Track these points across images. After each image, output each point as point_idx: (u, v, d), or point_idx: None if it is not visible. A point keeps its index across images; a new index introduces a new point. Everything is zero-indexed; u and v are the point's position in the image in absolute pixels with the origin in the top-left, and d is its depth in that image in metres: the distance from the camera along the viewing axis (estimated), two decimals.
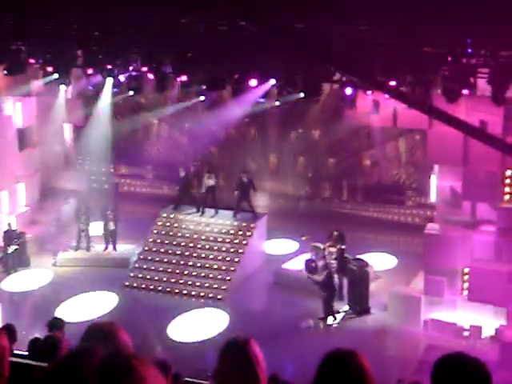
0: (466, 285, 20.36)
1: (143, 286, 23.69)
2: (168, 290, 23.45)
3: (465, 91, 17.78)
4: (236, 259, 24.15)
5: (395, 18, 16.35)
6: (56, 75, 22.01)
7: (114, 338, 3.87)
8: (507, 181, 19.98)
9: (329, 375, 3.66)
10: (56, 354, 10.98)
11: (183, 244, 25.01)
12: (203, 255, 24.50)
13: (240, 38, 17.75)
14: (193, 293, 23.20)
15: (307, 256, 23.67)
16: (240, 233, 24.85)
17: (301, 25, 17.43)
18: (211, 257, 24.36)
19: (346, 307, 21.80)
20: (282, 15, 16.55)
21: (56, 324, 12.63)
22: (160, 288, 23.53)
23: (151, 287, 23.60)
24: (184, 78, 20.87)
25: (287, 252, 25.83)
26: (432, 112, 17.02)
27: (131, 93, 22.28)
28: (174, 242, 25.17)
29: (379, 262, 23.72)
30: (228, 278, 23.55)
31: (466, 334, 20.02)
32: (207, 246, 24.74)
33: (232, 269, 23.85)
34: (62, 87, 24.94)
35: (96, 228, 25.76)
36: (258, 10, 15.02)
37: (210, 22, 18.28)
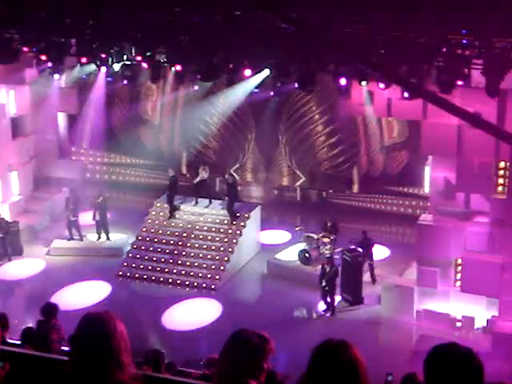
0: (458, 276, 20.40)
1: (136, 275, 23.66)
2: (161, 279, 23.43)
3: (459, 82, 17.77)
4: (229, 249, 24.14)
5: (390, 8, 16.34)
6: (50, 64, 21.92)
7: (110, 326, 3.86)
8: (501, 172, 19.99)
9: (320, 366, 3.66)
10: (47, 342, 11.00)
11: (177, 234, 24.99)
12: (197, 245, 24.49)
13: (234, 28, 17.71)
14: (186, 282, 23.19)
15: (301, 246, 23.73)
16: (234, 223, 24.83)
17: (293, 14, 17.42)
18: (205, 247, 24.36)
19: (339, 298, 21.83)
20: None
21: (50, 310, 12.65)
22: (153, 278, 23.51)
23: (145, 277, 23.58)
24: (178, 67, 20.80)
25: (281, 242, 25.82)
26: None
27: (125, 82, 22.17)
28: (168, 232, 25.15)
29: (373, 252, 23.69)
30: (221, 267, 23.55)
31: (458, 324, 20.07)
32: (201, 236, 24.73)
33: (225, 259, 23.84)
34: (56, 76, 24.82)
35: (88, 218, 25.69)
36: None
37: (205, 12, 18.25)
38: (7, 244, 24.48)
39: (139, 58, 20.65)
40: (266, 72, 20.27)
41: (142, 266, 23.91)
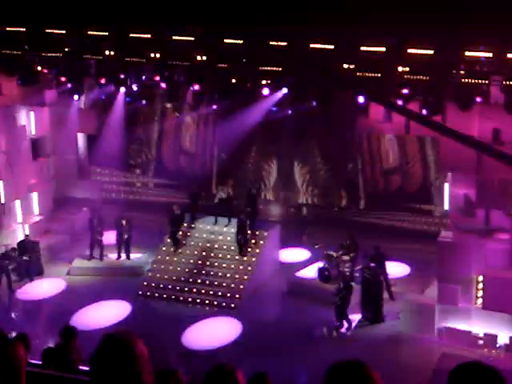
0: (480, 293, 20.22)
1: (156, 294, 23.68)
2: (181, 298, 23.43)
3: (478, 99, 17.74)
4: (249, 268, 24.12)
5: (408, 25, 16.35)
6: (69, 85, 22.10)
7: (131, 346, 3.85)
8: None
9: None
10: (67, 363, 11.00)
11: (196, 253, 25.00)
12: (216, 264, 24.48)
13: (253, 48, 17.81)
14: (206, 301, 23.16)
15: (320, 264, 23.64)
16: (253, 241, 24.81)
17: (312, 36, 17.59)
18: (224, 265, 24.34)
19: (360, 315, 21.71)
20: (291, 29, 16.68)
21: (68, 333, 12.65)
22: (173, 297, 23.51)
23: (164, 296, 23.59)
24: (196, 87, 20.92)
25: (300, 260, 25.76)
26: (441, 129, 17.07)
27: (144, 102, 22.31)
28: (187, 251, 25.16)
29: (393, 270, 23.59)
30: (241, 286, 23.52)
31: (480, 342, 19.87)
32: (220, 255, 24.73)
33: (245, 277, 23.81)
34: (76, 97, 25.02)
35: (110, 237, 25.79)
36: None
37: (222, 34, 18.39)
38: (29, 264, 24.61)
39: (157, 78, 20.81)
40: (284, 90, 20.32)
41: (161, 286, 23.92)
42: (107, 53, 19.83)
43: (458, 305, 20.32)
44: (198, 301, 23.26)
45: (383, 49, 17.86)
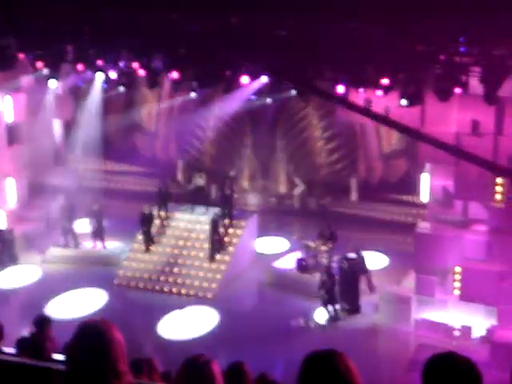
0: (457, 284, 20.31)
1: (132, 284, 23.54)
2: (157, 288, 23.31)
3: (457, 90, 17.75)
4: (226, 257, 24.03)
5: (388, 16, 16.32)
6: (46, 71, 21.87)
7: (107, 335, 3.80)
8: (498, 180, 19.90)
9: (311, 377, 3.57)
10: (42, 351, 10.86)
11: (173, 242, 24.86)
12: (193, 253, 24.37)
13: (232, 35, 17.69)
14: (182, 291, 23.07)
15: (298, 254, 23.62)
16: (230, 231, 24.72)
17: (291, 23, 17.53)
18: (201, 255, 24.23)
19: (337, 306, 21.70)
20: (272, 14, 16.61)
21: (42, 321, 12.52)
22: (149, 286, 23.39)
23: (140, 285, 23.46)
24: (175, 74, 20.73)
25: (278, 250, 25.71)
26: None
27: (121, 89, 22.10)
28: (164, 240, 25.03)
29: (370, 260, 23.61)
30: (218, 276, 23.42)
31: (456, 333, 19.96)
32: (197, 245, 24.61)
33: (222, 267, 23.72)
34: (52, 83, 24.74)
35: (84, 225, 25.59)
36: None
37: (201, 20, 18.24)
38: (3, 252, 24.39)
39: (136, 65, 20.62)
40: (264, 79, 20.21)
41: (137, 275, 23.78)
42: (84, 38, 19.62)
43: (434, 296, 20.39)
44: (174, 290, 23.16)
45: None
